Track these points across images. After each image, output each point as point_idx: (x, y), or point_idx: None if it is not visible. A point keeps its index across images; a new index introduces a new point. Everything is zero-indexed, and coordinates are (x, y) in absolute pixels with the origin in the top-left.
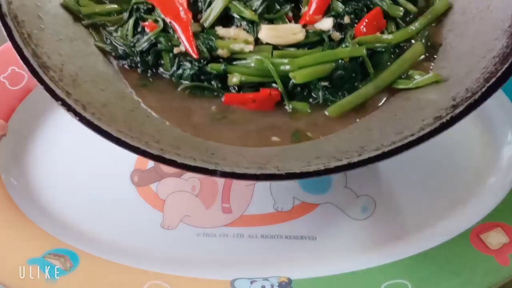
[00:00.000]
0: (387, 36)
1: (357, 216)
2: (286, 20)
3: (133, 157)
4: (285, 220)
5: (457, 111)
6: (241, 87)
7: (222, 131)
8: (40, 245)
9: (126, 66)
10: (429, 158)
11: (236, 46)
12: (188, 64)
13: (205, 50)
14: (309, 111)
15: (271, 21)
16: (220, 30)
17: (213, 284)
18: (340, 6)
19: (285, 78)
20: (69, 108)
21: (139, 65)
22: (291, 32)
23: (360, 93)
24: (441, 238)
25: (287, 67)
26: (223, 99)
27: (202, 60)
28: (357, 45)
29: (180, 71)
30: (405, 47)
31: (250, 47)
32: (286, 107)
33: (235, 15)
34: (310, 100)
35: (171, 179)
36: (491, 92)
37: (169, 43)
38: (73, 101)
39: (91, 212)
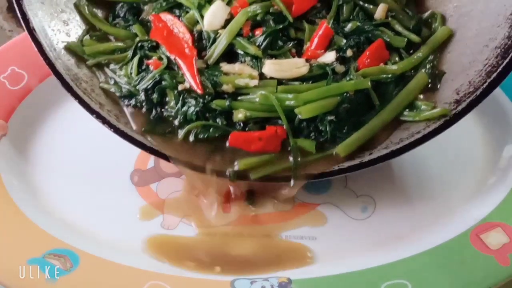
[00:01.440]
0: (391, 67)
1: (357, 216)
2: (290, 55)
3: (133, 157)
4: (285, 220)
5: (460, 107)
6: (246, 123)
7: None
8: (40, 245)
9: (131, 107)
10: (429, 158)
11: (241, 81)
12: (192, 101)
13: (209, 85)
14: (314, 151)
15: (274, 57)
16: (225, 66)
17: (213, 284)
18: (342, 40)
19: (290, 113)
20: (104, 121)
21: (143, 104)
22: (294, 66)
23: (367, 129)
24: (441, 238)
25: (292, 102)
26: (228, 140)
27: (207, 96)
28: (361, 78)
29: (185, 108)
30: (409, 77)
31: (255, 82)
32: (290, 147)
33: (239, 51)
34: (315, 134)
35: (171, 179)
36: (492, 88)
37: (174, 80)
38: (107, 113)
39: (91, 212)
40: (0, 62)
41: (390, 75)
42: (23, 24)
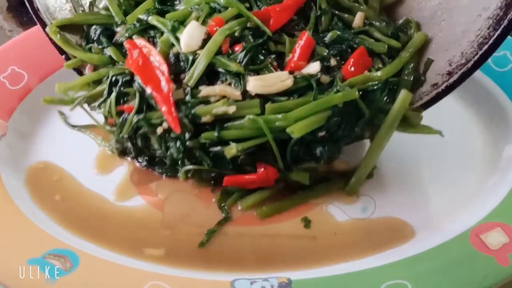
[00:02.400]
0: (376, 74)
1: (357, 216)
2: (272, 69)
3: None
4: (285, 220)
5: (452, 80)
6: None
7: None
8: (40, 245)
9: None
10: (429, 158)
11: (219, 110)
12: (174, 143)
13: (187, 122)
14: (308, 183)
15: (257, 72)
16: (205, 89)
17: (213, 285)
18: (324, 50)
19: (282, 133)
20: None
21: (132, 151)
22: (279, 79)
23: (367, 163)
24: (441, 238)
25: (282, 123)
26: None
27: (186, 134)
28: (348, 88)
29: (169, 151)
30: (394, 82)
31: (233, 108)
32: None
33: (220, 70)
34: (311, 158)
35: (171, 178)
36: (483, 60)
37: (150, 124)
38: None
39: (91, 212)
40: (0, 62)
41: (376, 82)
42: (27, 5)
